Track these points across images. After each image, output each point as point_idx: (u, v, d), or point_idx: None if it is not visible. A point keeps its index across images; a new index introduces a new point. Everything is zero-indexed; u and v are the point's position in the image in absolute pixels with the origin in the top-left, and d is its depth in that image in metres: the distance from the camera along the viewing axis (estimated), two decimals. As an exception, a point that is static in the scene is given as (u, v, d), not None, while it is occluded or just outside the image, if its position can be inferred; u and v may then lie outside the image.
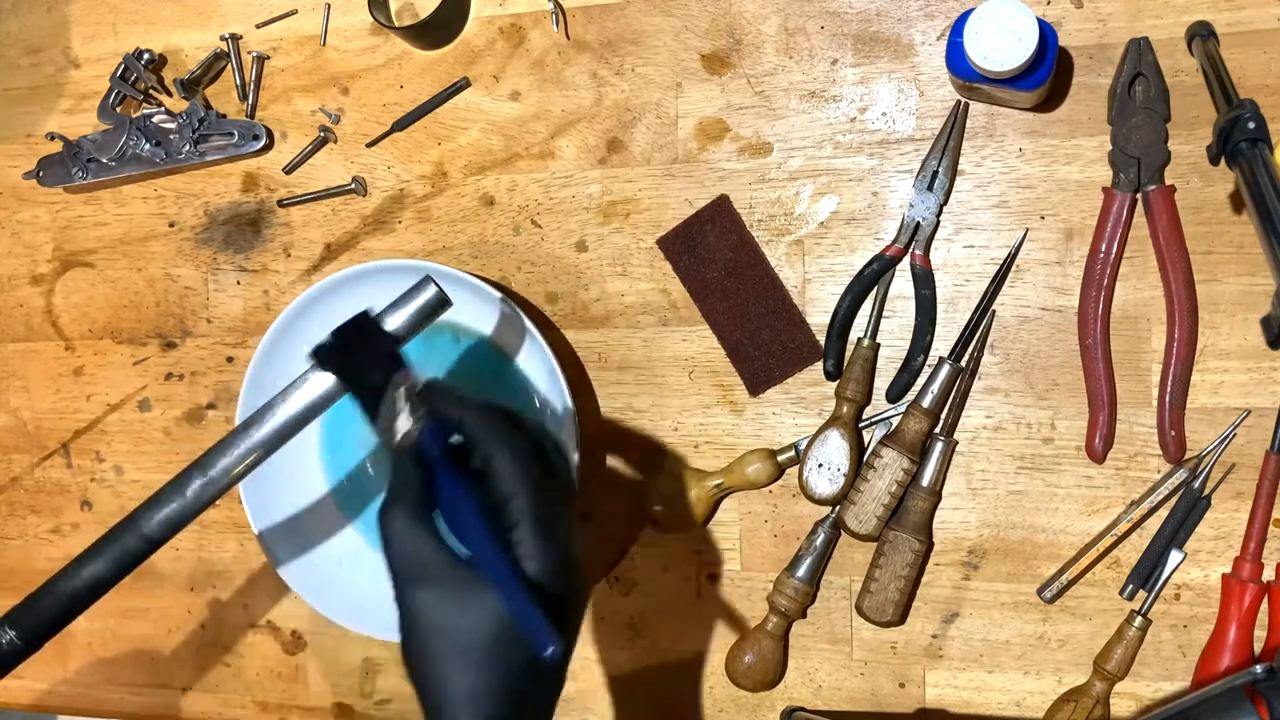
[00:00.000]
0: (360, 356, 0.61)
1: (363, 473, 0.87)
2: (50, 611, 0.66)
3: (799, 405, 0.80)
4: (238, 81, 0.91)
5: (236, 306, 0.91)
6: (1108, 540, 0.74)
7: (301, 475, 0.87)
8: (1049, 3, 0.75)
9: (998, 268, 0.76)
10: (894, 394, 0.78)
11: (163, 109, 0.90)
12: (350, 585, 0.84)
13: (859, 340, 0.78)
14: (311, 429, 0.87)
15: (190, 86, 0.89)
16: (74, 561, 0.67)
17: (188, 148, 0.89)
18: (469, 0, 0.86)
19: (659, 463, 0.83)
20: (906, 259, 0.77)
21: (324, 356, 0.62)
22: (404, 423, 0.55)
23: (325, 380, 0.65)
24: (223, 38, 0.90)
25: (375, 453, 0.87)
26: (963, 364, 0.76)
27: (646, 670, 0.84)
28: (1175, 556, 0.73)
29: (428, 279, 0.67)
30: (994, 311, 0.76)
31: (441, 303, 0.67)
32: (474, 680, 0.51)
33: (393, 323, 0.65)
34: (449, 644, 0.51)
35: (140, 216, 0.94)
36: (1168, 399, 0.72)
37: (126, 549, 0.66)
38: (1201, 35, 0.69)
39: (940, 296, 0.77)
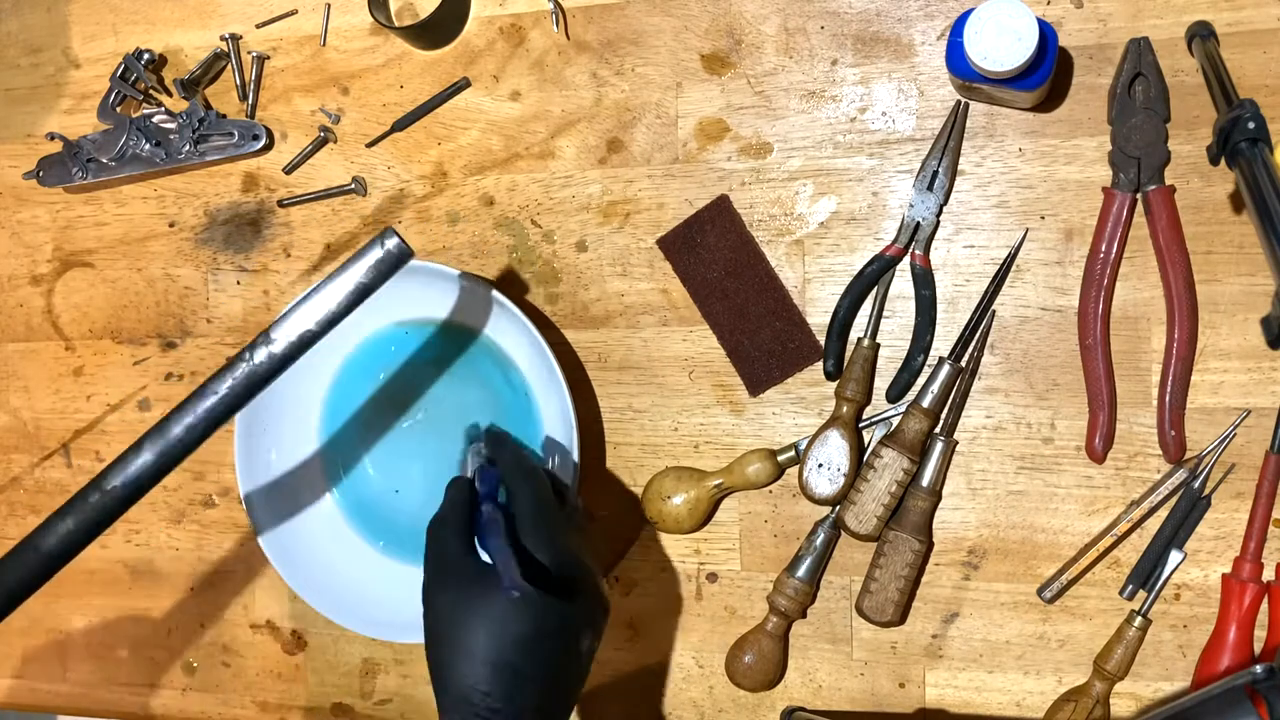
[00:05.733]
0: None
1: (364, 472, 0.87)
2: (20, 574, 0.65)
3: (799, 405, 0.80)
4: (238, 81, 0.91)
5: (236, 306, 0.91)
6: (1108, 540, 0.74)
7: (301, 472, 0.87)
8: (1049, 3, 0.75)
9: (998, 268, 0.76)
10: (894, 394, 0.78)
11: (163, 109, 0.90)
12: (348, 584, 0.84)
13: (859, 340, 0.78)
14: (313, 427, 0.87)
15: (190, 86, 0.89)
16: (43, 523, 0.66)
17: (188, 148, 0.89)
18: (469, 0, 0.86)
19: (659, 463, 0.83)
20: (906, 259, 0.77)
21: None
22: (470, 466, 0.74)
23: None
24: (223, 38, 0.90)
25: (376, 453, 0.87)
26: (963, 364, 0.76)
27: (646, 670, 0.84)
28: (1175, 556, 0.73)
29: (389, 229, 0.68)
30: (994, 311, 0.76)
31: (404, 253, 0.68)
32: (488, 676, 0.60)
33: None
34: (469, 638, 0.60)
35: (140, 216, 0.94)
36: (1168, 399, 0.72)
37: (90, 505, 0.66)
38: (1201, 35, 0.69)
39: (940, 296, 0.77)
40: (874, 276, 0.78)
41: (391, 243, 0.67)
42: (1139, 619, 0.73)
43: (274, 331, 0.68)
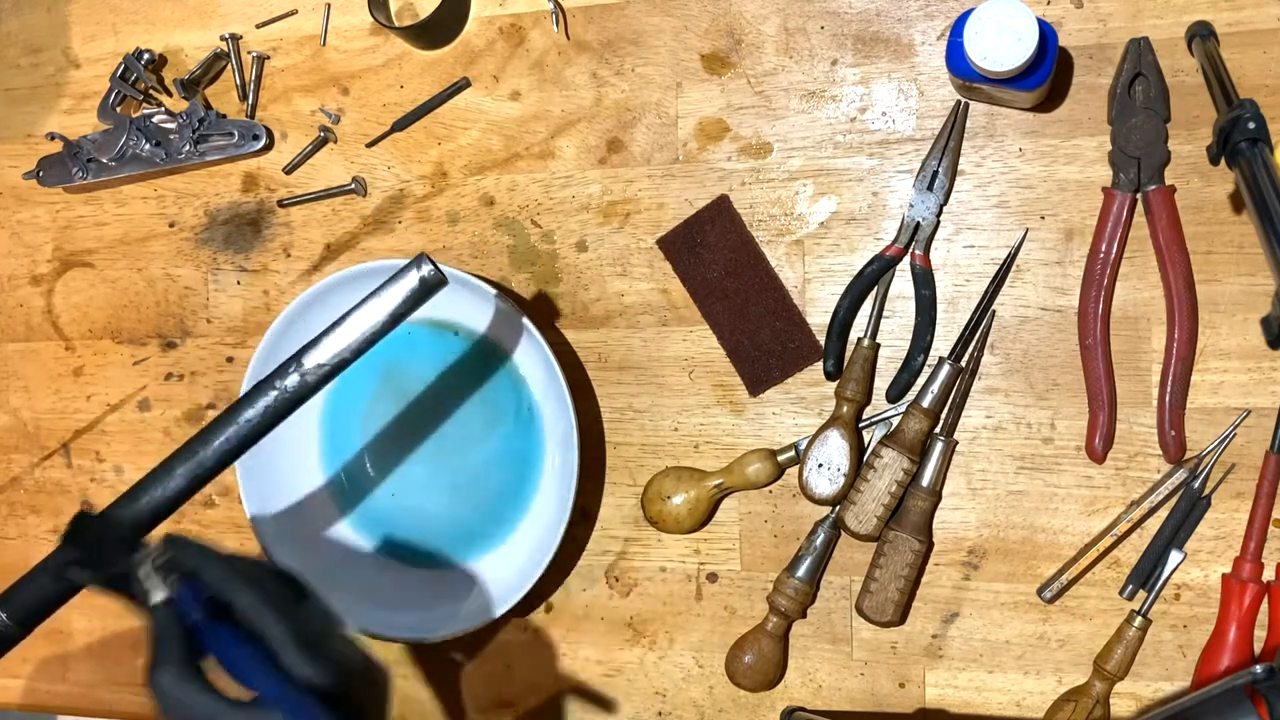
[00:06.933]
0: (97, 554, 0.61)
1: (362, 472, 0.87)
2: (43, 593, 0.65)
3: (799, 405, 0.80)
4: (238, 81, 0.91)
5: (236, 306, 0.91)
6: (1108, 540, 0.74)
7: (300, 471, 0.87)
8: (1049, 3, 0.75)
9: (998, 268, 0.76)
10: (894, 394, 0.78)
11: (163, 109, 0.90)
12: (347, 584, 0.84)
13: (859, 340, 0.78)
14: (313, 426, 0.87)
15: (190, 86, 0.89)
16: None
17: (188, 148, 0.89)
18: (469, 0, 0.86)
19: (659, 463, 0.83)
20: (906, 259, 0.77)
21: (70, 566, 0.62)
22: (158, 595, 0.57)
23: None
24: (223, 38, 0.90)
25: (375, 452, 0.87)
26: (963, 364, 0.76)
27: (646, 670, 0.84)
28: (1175, 556, 0.73)
29: (423, 256, 0.67)
30: (994, 311, 0.76)
31: (438, 281, 0.68)
32: None
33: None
34: None
35: (140, 216, 0.94)
36: (1168, 399, 0.72)
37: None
38: (1201, 35, 0.69)
39: (940, 296, 0.77)
40: (874, 276, 0.78)
41: (426, 269, 0.67)
42: (1139, 619, 0.73)
43: (306, 357, 0.67)
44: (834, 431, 0.77)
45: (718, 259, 0.80)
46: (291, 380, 0.67)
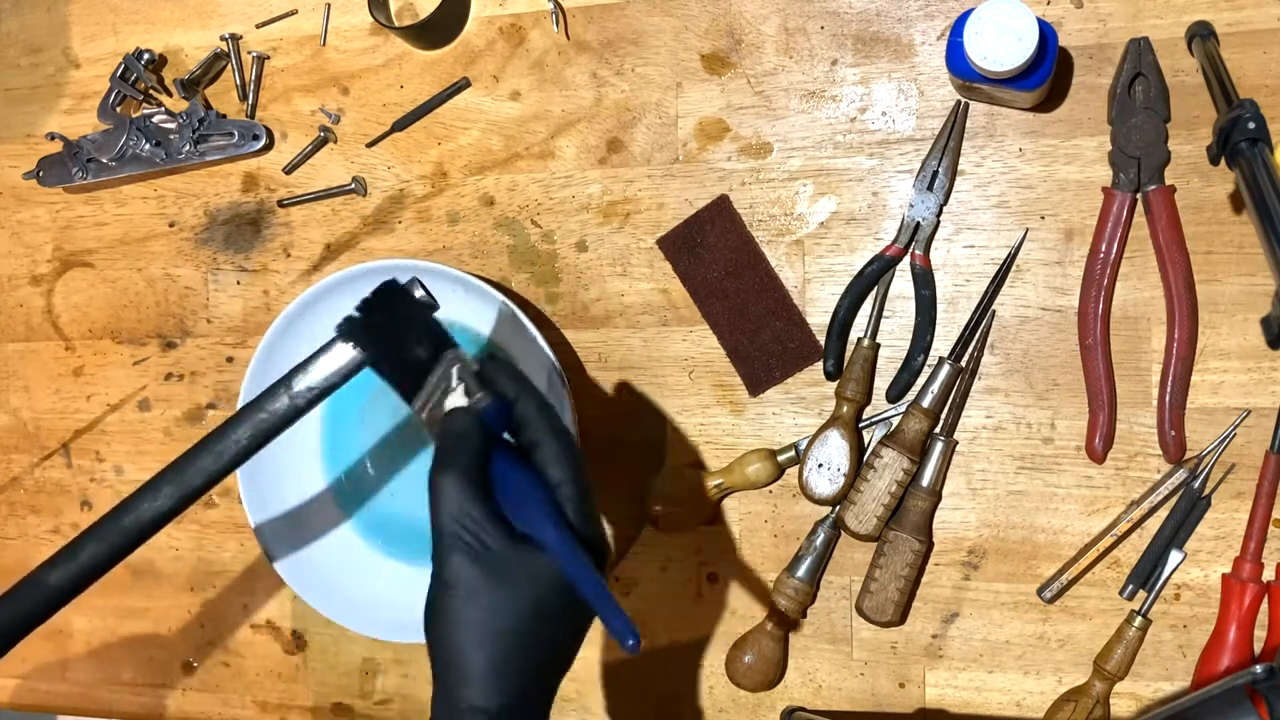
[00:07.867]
0: (398, 330, 0.59)
1: (363, 471, 0.87)
2: (21, 613, 0.65)
3: (799, 405, 0.80)
4: (238, 81, 0.91)
5: (236, 306, 0.91)
6: (1108, 540, 0.74)
7: (301, 472, 0.87)
8: (1049, 3, 0.75)
9: (998, 268, 0.76)
10: (894, 394, 0.78)
11: (163, 109, 0.90)
12: (348, 584, 0.84)
13: (859, 340, 0.78)
14: (313, 425, 0.87)
15: (190, 86, 0.90)
16: (45, 563, 0.66)
17: (188, 148, 0.90)
18: (469, 0, 0.86)
19: (659, 463, 0.83)
20: (906, 259, 0.77)
21: (357, 330, 0.60)
22: (457, 399, 0.55)
23: (343, 355, 0.62)
24: (223, 38, 0.90)
25: (375, 452, 0.87)
26: (963, 364, 0.76)
27: (646, 670, 0.84)
28: (1175, 556, 0.73)
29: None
30: (994, 311, 0.76)
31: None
32: (500, 655, 0.51)
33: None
34: (483, 614, 0.51)
35: (140, 216, 0.94)
36: (1168, 399, 0.72)
37: (111, 542, 0.66)
38: (1201, 35, 0.69)
39: (940, 296, 0.77)
40: (874, 276, 0.78)
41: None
42: (1139, 619, 0.73)
43: (295, 381, 0.66)
44: (834, 431, 0.77)
45: (718, 259, 0.80)
46: (280, 403, 0.66)
